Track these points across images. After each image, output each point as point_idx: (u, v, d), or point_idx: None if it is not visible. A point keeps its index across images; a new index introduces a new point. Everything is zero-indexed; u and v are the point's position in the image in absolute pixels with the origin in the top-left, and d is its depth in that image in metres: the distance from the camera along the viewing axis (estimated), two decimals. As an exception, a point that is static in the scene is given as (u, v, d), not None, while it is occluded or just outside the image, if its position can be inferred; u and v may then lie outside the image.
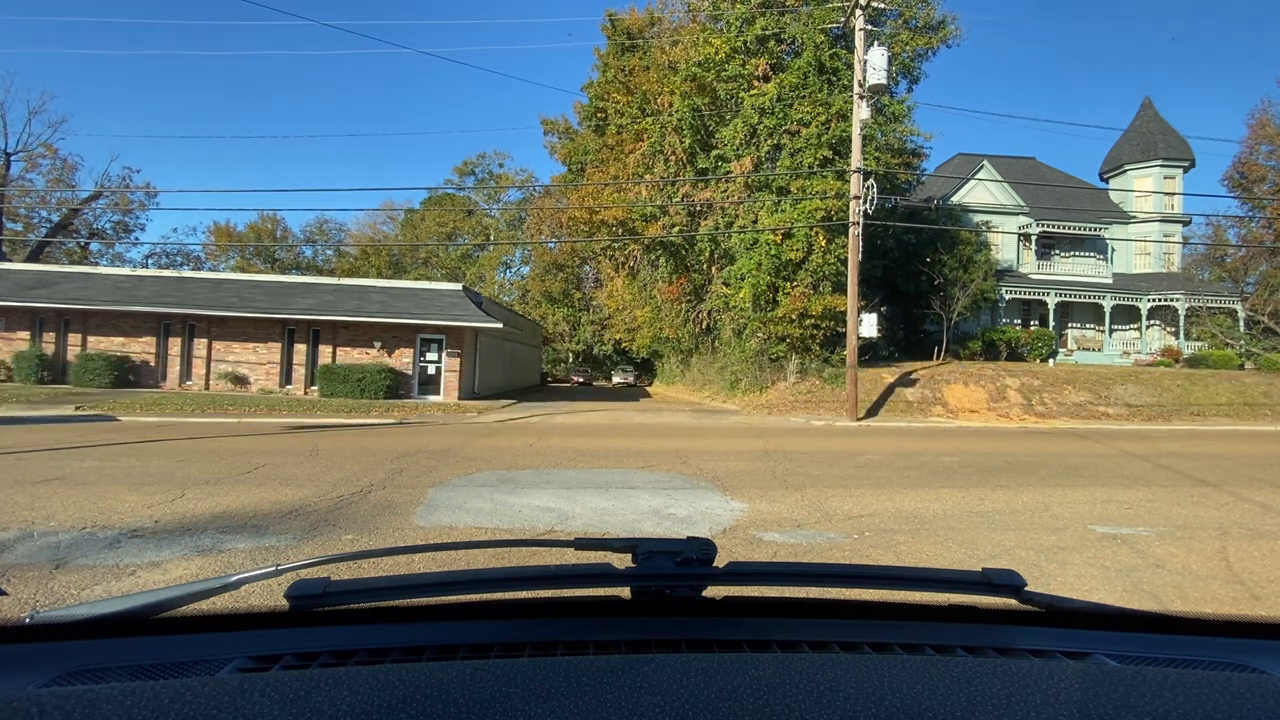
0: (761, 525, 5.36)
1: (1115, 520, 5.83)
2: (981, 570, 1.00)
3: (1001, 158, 31.30)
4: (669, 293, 26.71)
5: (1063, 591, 3.62)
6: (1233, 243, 33.65)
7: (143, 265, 40.10)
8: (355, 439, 10.72)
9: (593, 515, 5.64)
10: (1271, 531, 5.55)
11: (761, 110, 20.36)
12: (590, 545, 1.08)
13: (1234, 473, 8.89)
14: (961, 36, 23.77)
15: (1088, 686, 0.68)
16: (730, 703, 0.62)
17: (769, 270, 19.63)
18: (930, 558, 4.60)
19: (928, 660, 0.78)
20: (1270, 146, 32.07)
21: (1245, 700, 0.65)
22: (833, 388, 19.57)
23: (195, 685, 0.64)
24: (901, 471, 8.36)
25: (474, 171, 55.75)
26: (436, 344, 21.25)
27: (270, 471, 7.32)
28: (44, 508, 5.35)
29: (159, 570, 3.91)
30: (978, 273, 25.15)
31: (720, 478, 7.60)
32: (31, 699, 0.63)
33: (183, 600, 0.94)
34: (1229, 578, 4.26)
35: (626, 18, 28.01)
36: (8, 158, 32.94)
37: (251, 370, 21.16)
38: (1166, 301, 28.40)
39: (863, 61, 16.31)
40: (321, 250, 55.55)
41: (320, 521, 5.13)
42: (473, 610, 1.01)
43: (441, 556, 3.82)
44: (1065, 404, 19.59)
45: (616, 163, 26.30)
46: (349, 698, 0.61)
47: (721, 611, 1.01)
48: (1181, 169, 31.31)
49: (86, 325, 21.08)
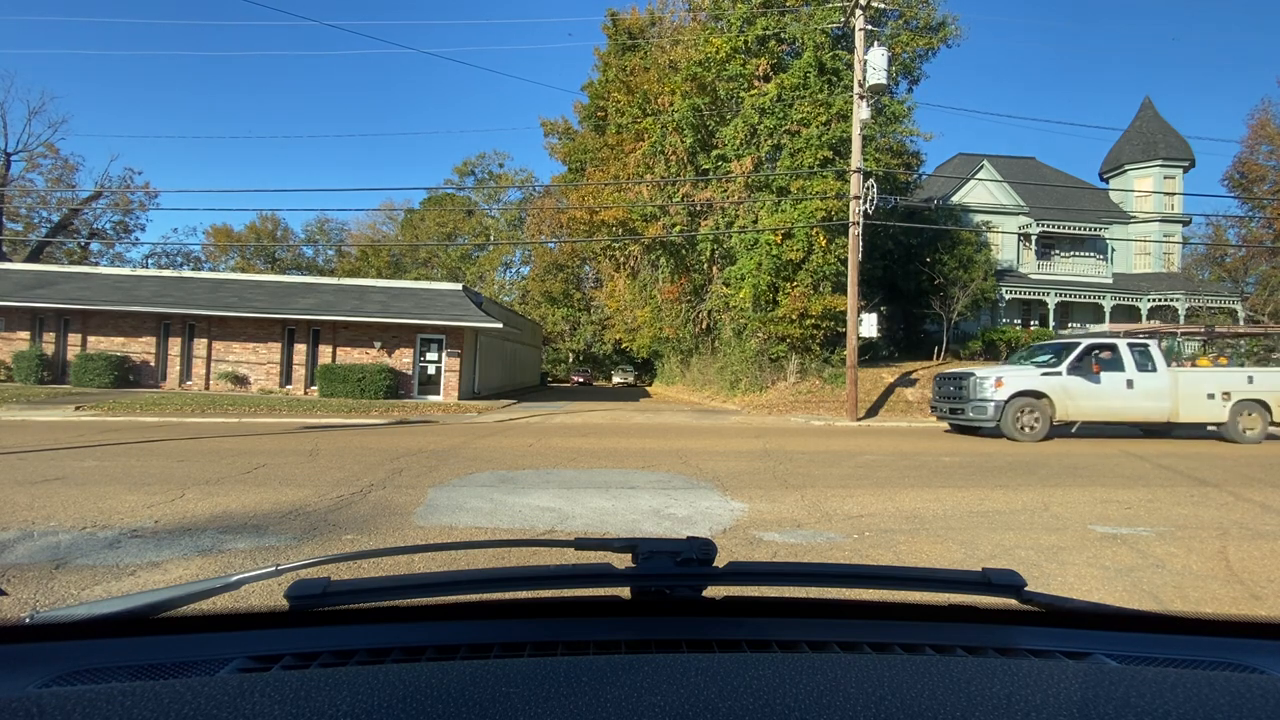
0: (761, 525, 5.36)
1: (1115, 520, 5.83)
2: (981, 570, 1.00)
3: (1001, 158, 31.31)
4: (669, 293, 26.70)
5: (1063, 591, 3.62)
6: (1233, 243, 33.67)
7: (143, 265, 40.16)
8: (355, 439, 10.72)
9: (593, 515, 5.64)
10: (1271, 531, 5.55)
11: (762, 110, 20.37)
12: (590, 545, 1.08)
13: (1234, 472, 8.89)
14: (962, 37, 23.80)
15: (1088, 686, 0.68)
16: (730, 703, 0.62)
17: (769, 270, 19.64)
18: (930, 558, 4.60)
19: (928, 660, 0.78)
20: (1270, 146, 32.08)
21: (1245, 700, 0.65)
22: (833, 388, 19.57)
23: (195, 685, 0.64)
24: (902, 471, 8.36)
25: (474, 172, 55.77)
26: (436, 344, 21.26)
27: (270, 471, 7.32)
28: (44, 507, 5.35)
29: (159, 570, 3.91)
30: (978, 273, 25.16)
31: (720, 478, 7.60)
32: (31, 699, 0.63)
33: (183, 600, 0.94)
34: (1229, 578, 4.26)
35: (628, 17, 27.99)
36: (8, 158, 32.96)
37: (251, 370, 21.16)
38: (1166, 301, 28.41)
39: (863, 62, 16.32)
40: (322, 250, 55.59)
41: (320, 521, 5.13)
42: (473, 610, 1.01)
43: (441, 556, 3.82)
44: (1065, 404, 19.55)
45: (617, 162, 26.29)
46: (349, 698, 0.61)
47: (722, 611, 1.01)
48: (1181, 169, 31.33)
49: (86, 325, 21.09)
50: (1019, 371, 12.65)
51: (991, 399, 12.02)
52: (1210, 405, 12.52)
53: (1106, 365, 12.38)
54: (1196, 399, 12.50)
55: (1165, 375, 12.41)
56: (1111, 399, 12.29)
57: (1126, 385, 12.28)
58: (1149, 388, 12.33)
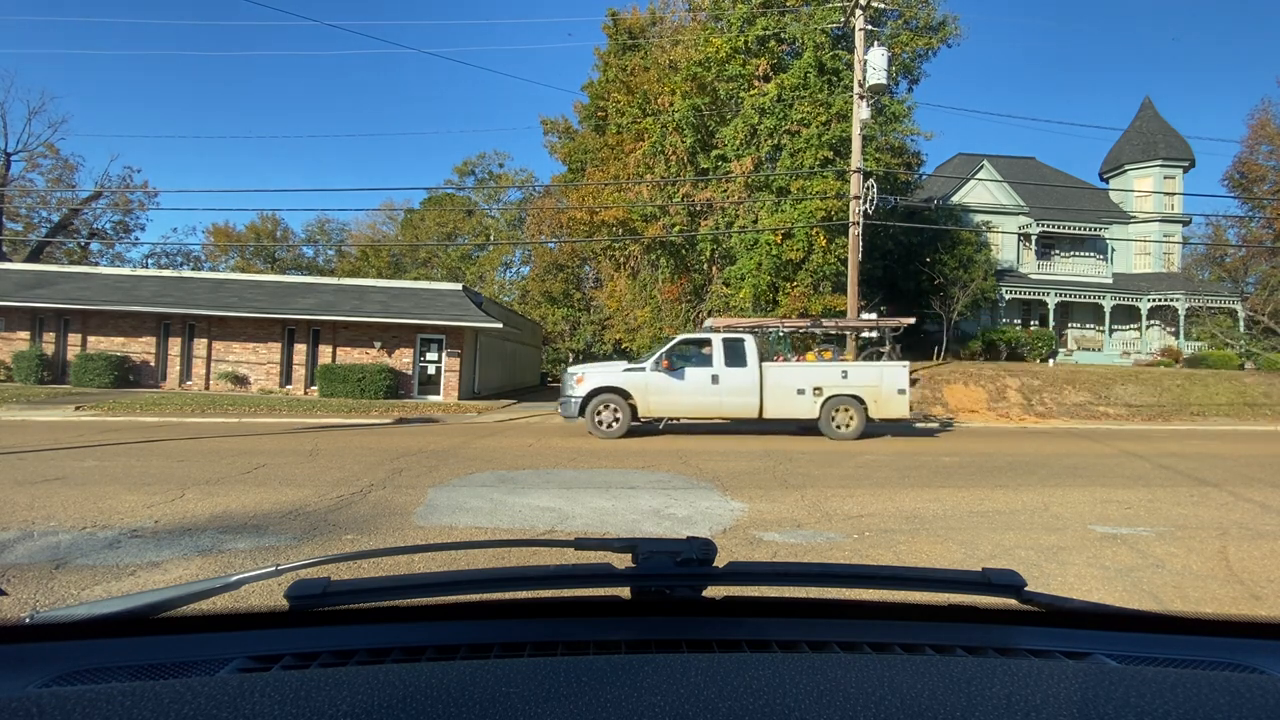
0: (761, 525, 5.36)
1: (1115, 520, 5.83)
2: (981, 570, 1.00)
3: (1001, 158, 31.30)
4: (669, 293, 26.69)
5: (1063, 591, 3.62)
6: (1233, 243, 33.67)
7: (143, 265, 40.11)
8: (355, 439, 10.72)
9: (593, 515, 5.64)
10: (1271, 531, 5.55)
11: (762, 110, 20.38)
12: (590, 545, 1.08)
13: (1234, 472, 8.90)
14: (962, 37, 23.80)
15: (1088, 686, 0.68)
16: (730, 703, 0.62)
17: (769, 270, 19.64)
18: (930, 558, 4.60)
19: (928, 660, 0.78)
20: (1270, 146, 32.05)
21: (1245, 700, 0.65)
22: (833, 388, 19.56)
23: (195, 685, 0.64)
24: (901, 471, 8.36)
25: (474, 172, 55.73)
26: (436, 344, 21.26)
27: (270, 471, 7.32)
28: (44, 507, 5.35)
29: (159, 570, 3.91)
30: (978, 272, 25.15)
31: (720, 478, 7.60)
32: (31, 699, 0.63)
33: (183, 600, 0.94)
34: (1229, 578, 4.26)
35: (628, 17, 27.97)
36: (8, 158, 32.94)
37: (251, 370, 21.16)
38: (1166, 301, 28.40)
39: (863, 62, 16.33)
40: (322, 250, 55.58)
41: (320, 521, 5.13)
42: (473, 610, 1.01)
43: (441, 556, 3.82)
44: (1065, 404, 19.59)
45: (617, 162, 26.27)
46: (349, 698, 0.61)
47: (722, 611, 1.01)
48: (1181, 169, 31.32)
49: (86, 325, 21.08)
50: (604, 369, 12.56)
51: (575, 395, 11.90)
52: (800, 401, 12.22)
53: (696, 361, 12.16)
54: (785, 395, 12.22)
55: (753, 371, 12.11)
56: (694, 395, 12.04)
57: (711, 381, 12.04)
58: (734, 384, 12.06)
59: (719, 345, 12.23)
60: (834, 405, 12.30)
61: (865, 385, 12.43)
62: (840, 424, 12.26)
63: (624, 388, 11.94)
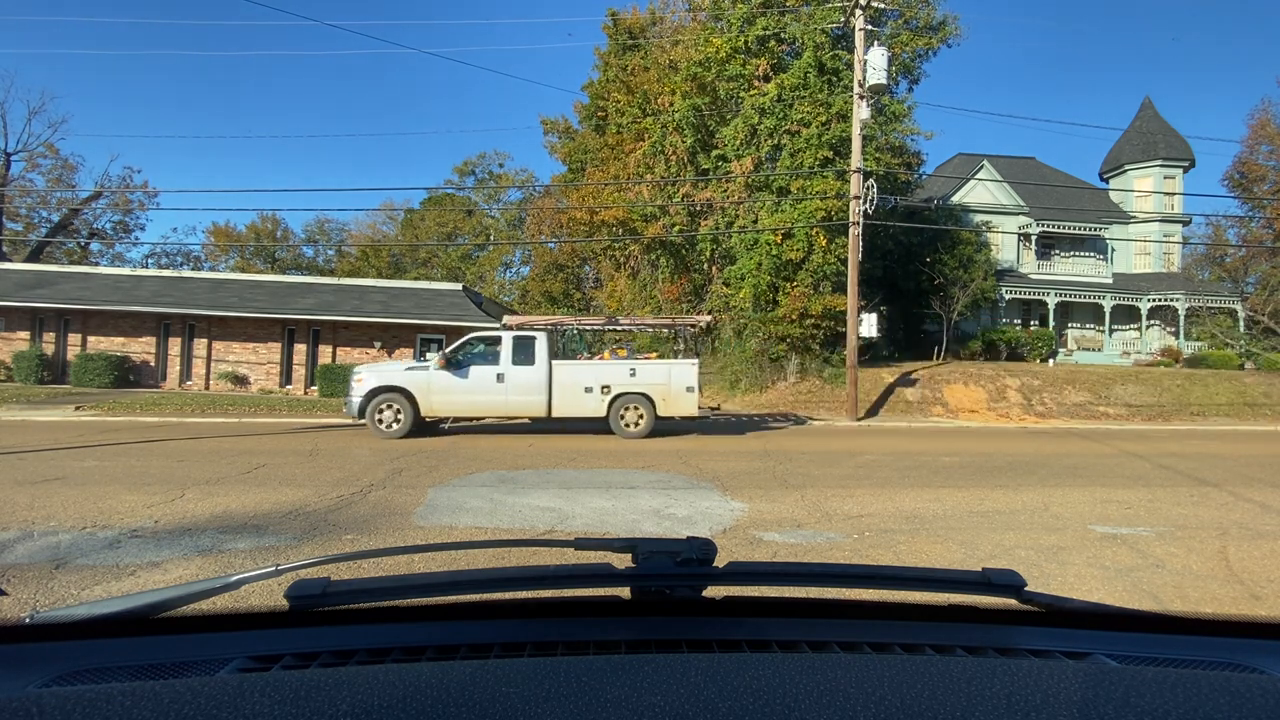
0: (762, 525, 5.36)
1: (1115, 520, 5.83)
2: (981, 570, 1.00)
3: (1001, 158, 31.29)
4: (669, 293, 26.70)
5: (1063, 591, 3.62)
6: (1233, 243, 33.68)
7: (142, 265, 40.07)
8: (355, 439, 10.73)
9: (593, 515, 5.64)
10: (1271, 531, 5.55)
11: (762, 110, 20.38)
12: (590, 545, 1.08)
13: (1234, 472, 8.90)
14: (962, 36, 23.80)
15: (1088, 686, 0.68)
16: (730, 703, 0.62)
17: (769, 270, 19.64)
18: (930, 558, 4.60)
19: (928, 660, 0.78)
20: (1270, 146, 32.06)
21: (1245, 700, 0.65)
22: (833, 388, 19.57)
23: (195, 685, 0.64)
24: (902, 471, 8.37)
25: (474, 171, 55.72)
26: (437, 344, 21.25)
27: (270, 471, 7.32)
28: (44, 507, 5.35)
29: (159, 570, 3.91)
30: (978, 272, 25.15)
31: (720, 477, 7.60)
32: (31, 699, 0.63)
33: (183, 600, 0.94)
34: (1229, 578, 4.26)
35: (628, 17, 27.99)
36: (8, 158, 32.93)
37: (251, 370, 21.16)
38: (1166, 301, 28.40)
39: (863, 61, 16.31)
40: (322, 250, 55.56)
41: (320, 521, 5.13)
42: (473, 610, 1.01)
43: (441, 556, 3.82)
44: (1065, 404, 19.59)
45: (617, 162, 26.29)
46: (349, 698, 0.61)
47: (722, 611, 1.01)
48: (1181, 169, 31.31)
49: (86, 325, 21.08)
50: (385, 368, 12.35)
51: (355, 395, 11.59)
52: (588, 399, 12.01)
53: (484, 359, 11.92)
54: (574, 393, 11.97)
55: (542, 369, 11.85)
56: (478, 394, 11.75)
57: (497, 379, 11.75)
58: (521, 382, 11.78)
59: (508, 343, 11.98)
60: (623, 404, 12.11)
61: (654, 383, 12.27)
62: (630, 422, 12.06)
63: (405, 387, 11.57)
